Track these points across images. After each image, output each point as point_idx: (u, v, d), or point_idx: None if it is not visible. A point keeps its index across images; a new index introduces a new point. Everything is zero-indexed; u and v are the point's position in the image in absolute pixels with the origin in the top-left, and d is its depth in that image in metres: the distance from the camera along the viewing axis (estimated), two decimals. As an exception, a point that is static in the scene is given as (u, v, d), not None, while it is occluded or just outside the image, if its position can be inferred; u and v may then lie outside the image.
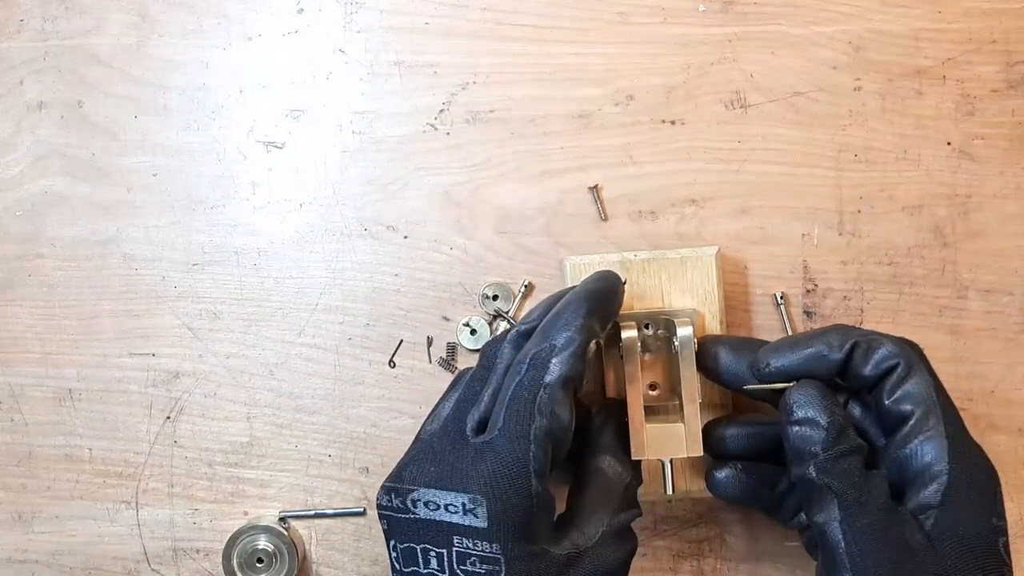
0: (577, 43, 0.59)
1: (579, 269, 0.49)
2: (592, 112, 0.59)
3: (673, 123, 0.59)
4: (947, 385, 0.45)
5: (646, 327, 0.49)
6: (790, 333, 0.58)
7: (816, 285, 0.59)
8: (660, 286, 0.49)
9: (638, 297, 0.49)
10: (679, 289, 0.49)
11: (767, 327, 0.58)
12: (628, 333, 0.46)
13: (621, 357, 0.48)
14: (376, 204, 0.59)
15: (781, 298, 0.58)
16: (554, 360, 0.42)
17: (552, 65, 0.59)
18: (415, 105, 0.59)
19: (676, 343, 0.47)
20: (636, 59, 0.59)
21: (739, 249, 0.58)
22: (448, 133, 0.59)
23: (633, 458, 0.47)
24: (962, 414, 0.45)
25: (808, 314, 0.58)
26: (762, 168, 0.59)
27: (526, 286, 0.58)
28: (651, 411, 0.49)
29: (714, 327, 0.51)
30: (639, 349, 0.47)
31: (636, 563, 0.58)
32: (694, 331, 0.46)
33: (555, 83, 0.59)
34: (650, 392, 0.50)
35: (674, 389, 0.49)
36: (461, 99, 0.59)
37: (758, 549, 0.58)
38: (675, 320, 0.47)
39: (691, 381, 0.47)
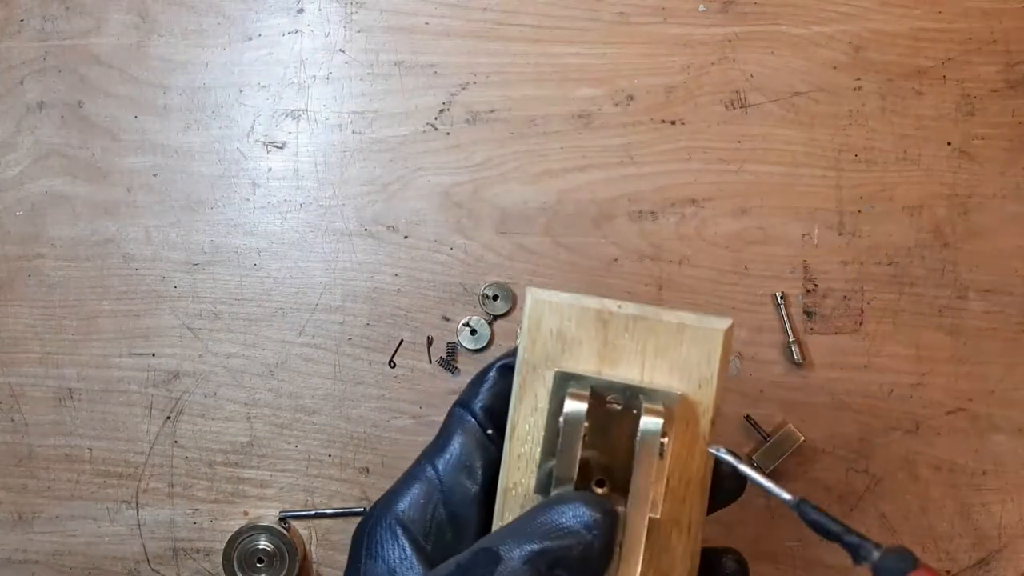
0: (577, 43, 0.59)
1: (542, 307, 0.33)
2: (592, 112, 0.59)
3: (673, 123, 0.59)
4: (947, 385, 0.45)
5: (609, 401, 0.33)
6: (790, 333, 0.58)
7: (816, 285, 0.59)
8: (642, 353, 0.33)
9: (610, 358, 0.33)
10: (666, 363, 0.33)
11: (767, 327, 0.58)
12: (572, 406, 0.31)
13: (557, 434, 0.32)
14: (376, 204, 0.59)
15: (781, 298, 0.58)
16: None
17: (552, 65, 0.59)
18: (415, 105, 0.59)
19: (638, 436, 0.31)
20: (636, 59, 0.59)
21: (739, 249, 0.58)
22: (448, 133, 0.59)
23: None
24: (962, 414, 0.45)
25: (808, 314, 0.58)
26: (762, 168, 0.59)
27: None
28: None
29: (702, 427, 0.33)
30: (582, 431, 0.31)
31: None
32: (664, 426, 0.31)
33: (555, 83, 0.59)
34: (596, 490, 0.33)
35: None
36: (461, 99, 0.59)
37: (758, 549, 0.58)
38: (642, 403, 0.32)
39: (642, 491, 0.31)
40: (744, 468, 0.31)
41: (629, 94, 0.59)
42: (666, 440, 0.32)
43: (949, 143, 0.59)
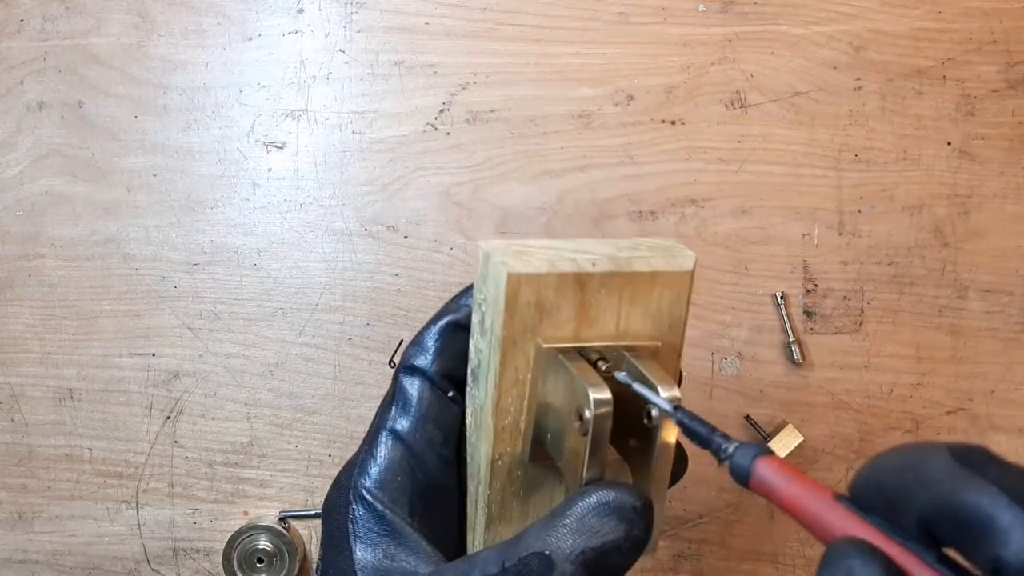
0: (577, 43, 0.59)
1: (518, 282, 0.30)
2: (592, 112, 0.59)
3: (673, 123, 0.59)
4: (947, 385, 0.44)
5: (597, 361, 0.32)
6: (790, 333, 0.58)
7: (816, 285, 0.59)
8: (617, 305, 0.33)
9: (587, 318, 0.32)
10: (639, 311, 0.33)
11: (767, 327, 0.58)
12: (598, 398, 0.29)
13: (581, 419, 0.30)
14: (376, 204, 0.59)
15: (781, 298, 0.58)
16: (410, 346, 0.34)
17: (552, 65, 0.59)
18: (415, 105, 0.59)
19: (653, 415, 0.30)
20: (636, 59, 0.59)
21: (739, 249, 0.58)
22: (448, 133, 0.59)
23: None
24: (962, 414, 0.45)
25: (808, 314, 0.58)
26: (762, 168, 0.59)
27: None
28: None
29: (670, 364, 0.33)
30: (610, 422, 0.30)
31: (637, 563, 0.58)
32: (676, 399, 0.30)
33: (555, 83, 0.59)
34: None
35: (624, 449, 0.33)
36: (461, 99, 0.59)
37: (758, 549, 0.58)
38: (655, 380, 0.30)
39: (663, 473, 0.31)
40: (620, 375, 0.31)
41: (629, 94, 0.59)
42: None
43: (949, 143, 0.59)
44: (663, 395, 0.30)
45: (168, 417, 0.59)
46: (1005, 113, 0.59)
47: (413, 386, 0.34)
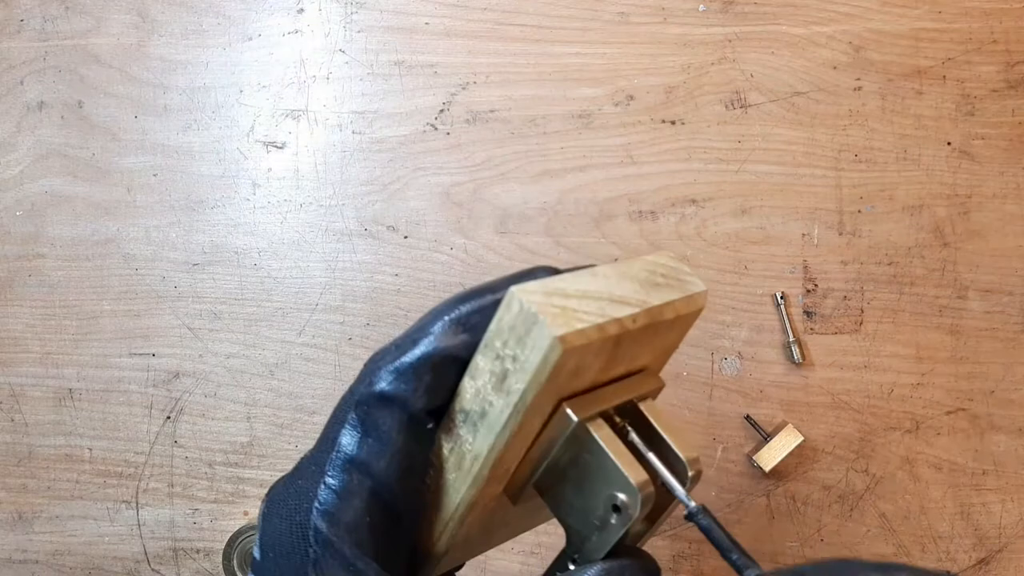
0: (577, 43, 0.59)
1: (572, 354, 0.28)
2: (592, 112, 0.59)
3: (673, 123, 0.59)
4: (947, 385, 0.45)
5: (616, 420, 0.32)
6: (790, 333, 0.58)
7: (816, 285, 0.59)
8: (637, 351, 0.32)
9: (608, 368, 0.31)
10: (650, 348, 0.32)
11: (767, 327, 0.58)
12: (645, 495, 0.29)
13: (617, 509, 0.29)
14: (376, 204, 0.59)
15: (781, 298, 0.58)
16: (383, 370, 0.31)
17: (552, 65, 0.59)
18: (415, 105, 0.59)
19: (683, 501, 0.30)
20: (636, 59, 0.59)
21: (739, 249, 0.58)
22: (448, 133, 0.59)
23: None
24: (962, 414, 0.45)
25: (808, 314, 0.58)
26: (762, 168, 0.59)
27: None
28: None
29: (656, 380, 0.34)
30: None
31: (636, 563, 0.58)
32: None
33: (555, 83, 0.59)
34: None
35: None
36: (461, 99, 0.59)
37: (758, 549, 0.58)
38: (686, 499, 0.30)
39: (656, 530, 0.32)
40: (650, 457, 0.30)
41: (629, 94, 0.59)
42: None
43: (949, 143, 0.59)
44: (686, 477, 0.30)
45: (168, 417, 0.59)
46: (1005, 113, 0.59)
47: (390, 416, 0.30)
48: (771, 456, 0.56)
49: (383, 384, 0.30)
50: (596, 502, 0.29)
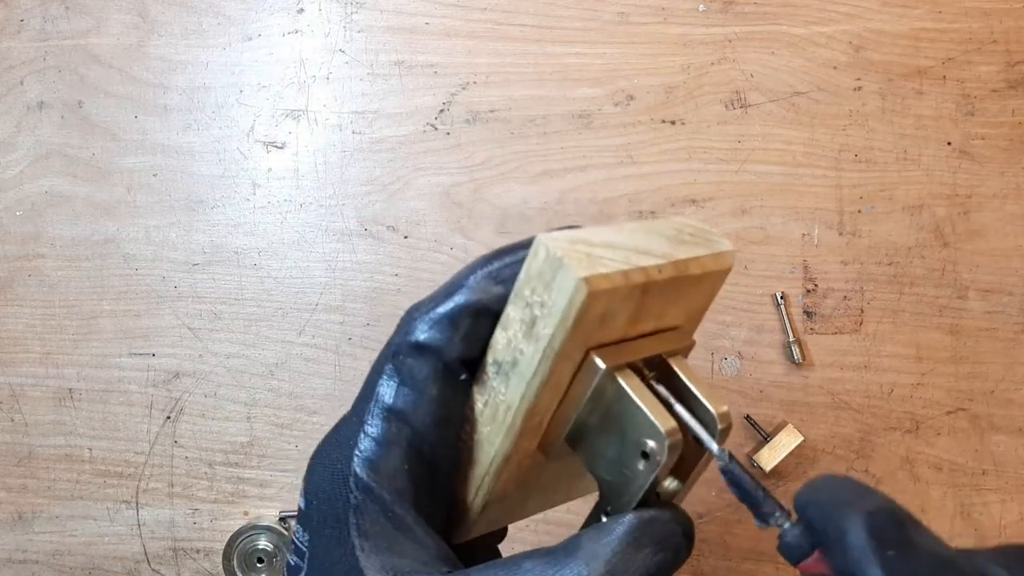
0: (577, 43, 0.59)
1: (598, 299, 0.28)
2: (592, 112, 0.59)
3: (673, 123, 0.59)
4: (947, 385, 0.45)
5: (646, 373, 0.32)
6: (790, 333, 0.58)
7: (816, 285, 0.59)
8: (664, 306, 0.32)
9: (637, 320, 0.31)
10: (679, 306, 0.33)
11: (767, 327, 0.58)
12: (672, 442, 0.29)
13: (645, 456, 0.30)
14: (376, 204, 0.59)
15: (781, 298, 0.58)
16: (419, 320, 0.31)
17: (552, 65, 0.59)
18: (415, 105, 0.59)
19: (710, 449, 0.30)
20: (636, 59, 0.59)
21: (739, 249, 0.58)
22: (448, 133, 0.59)
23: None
24: (962, 414, 0.45)
25: (808, 314, 0.58)
26: (762, 168, 0.59)
27: None
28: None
29: (687, 340, 0.34)
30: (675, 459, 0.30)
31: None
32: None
33: (555, 83, 0.59)
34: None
35: None
36: (461, 99, 0.59)
37: (758, 549, 0.58)
38: (709, 405, 0.30)
39: (693, 484, 0.31)
40: (679, 409, 0.30)
41: (629, 94, 0.59)
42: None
43: (949, 143, 0.59)
44: (716, 429, 0.30)
45: (168, 417, 0.59)
46: (1005, 113, 0.59)
47: (426, 365, 0.31)
48: (771, 456, 0.56)
49: (419, 334, 0.31)
50: (626, 452, 0.30)
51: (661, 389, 0.31)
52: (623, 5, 0.59)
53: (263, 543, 0.57)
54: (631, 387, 0.30)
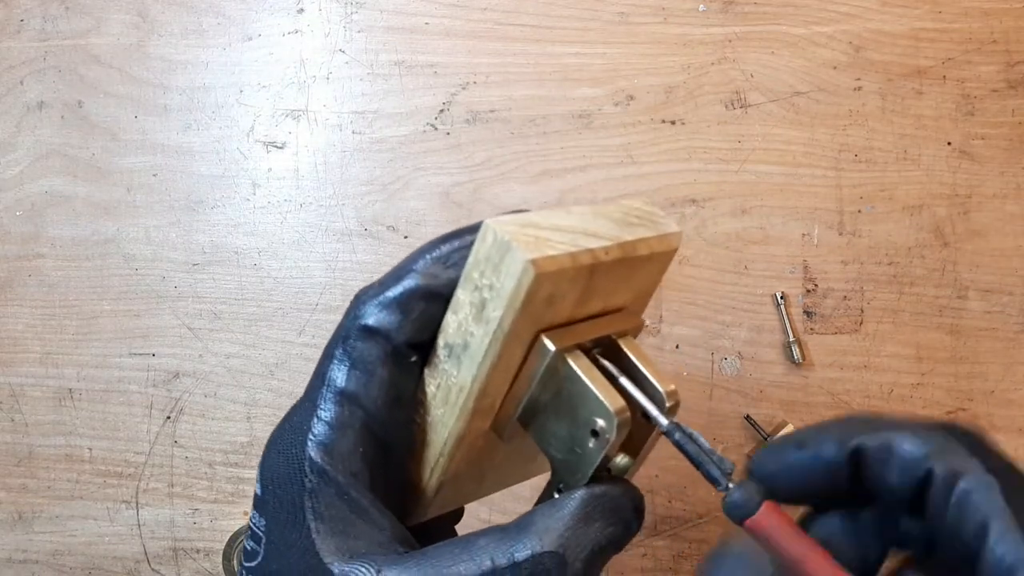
0: (577, 43, 0.59)
1: (545, 281, 0.29)
2: (592, 112, 0.59)
3: (673, 123, 0.59)
4: (947, 385, 0.45)
5: (594, 351, 0.33)
6: (790, 333, 0.58)
7: (816, 285, 0.59)
8: (612, 286, 0.33)
9: (584, 300, 0.31)
10: (626, 286, 0.33)
11: (767, 327, 0.58)
12: (621, 420, 0.30)
13: (595, 434, 0.30)
14: (376, 204, 0.59)
15: (781, 298, 0.58)
16: (368, 304, 0.31)
17: (552, 65, 0.59)
18: (415, 105, 0.59)
19: (650, 417, 0.31)
20: (636, 59, 0.59)
21: (739, 249, 0.58)
22: (448, 133, 0.59)
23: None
24: (962, 414, 0.45)
25: (808, 314, 0.58)
26: (762, 168, 0.59)
27: None
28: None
29: (637, 320, 0.34)
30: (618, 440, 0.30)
31: (636, 563, 0.58)
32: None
33: (555, 83, 0.59)
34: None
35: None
36: (461, 99, 0.59)
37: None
38: (655, 382, 0.31)
39: (642, 462, 0.32)
40: (624, 382, 0.31)
41: (629, 94, 0.59)
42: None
43: (949, 143, 0.59)
44: (664, 406, 0.30)
45: (168, 417, 0.59)
46: (1005, 113, 0.59)
47: (375, 348, 0.31)
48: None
49: (368, 317, 0.31)
50: (576, 431, 0.30)
51: (610, 367, 0.32)
52: (623, 5, 0.59)
53: (263, 543, 0.57)
54: (580, 368, 0.30)
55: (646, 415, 0.31)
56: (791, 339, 0.58)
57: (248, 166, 0.60)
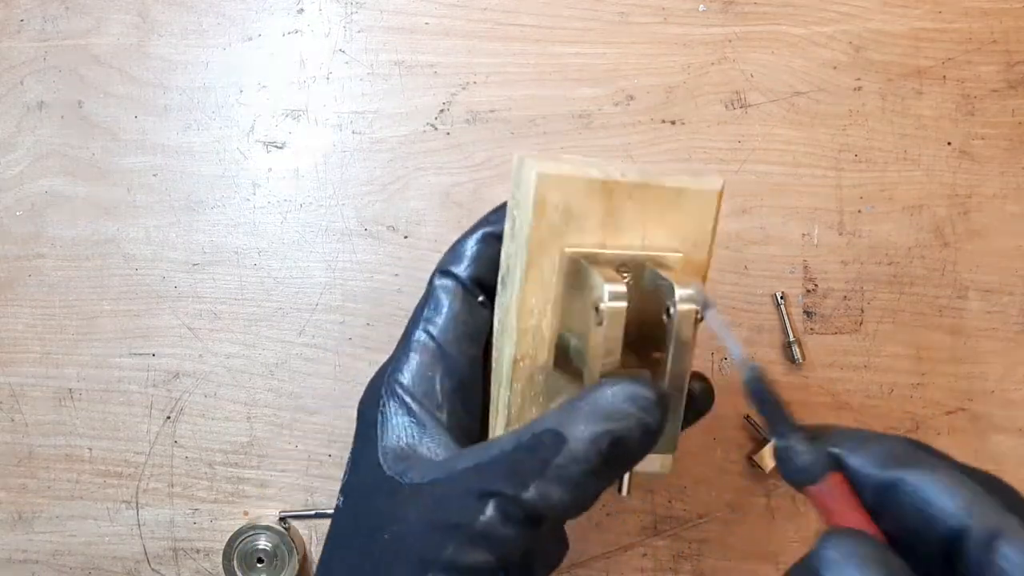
0: (577, 43, 0.59)
1: (547, 184, 0.31)
2: (592, 112, 0.59)
3: (673, 123, 0.59)
4: (947, 385, 0.45)
5: (619, 268, 0.33)
6: (790, 333, 0.58)
7: (816, 285, 0.59)
8: (643, 218, 0.33)
9: (613, 227, 0.33)
10: (665, 226, 0.34)
11: (767, 327, 0.58)
12: (613, 290, 0.30)
13: (596, 311, 0.31)
14: (376, 204, 0.59)
15: (781, 298, 0.58)
16: (445, 253, 0.37)
17: (552, 65, 0.59)
18: (415, 105, 0.59)
19: (672, 315, 0.32)
20: (636, 59, 0.59)
21: (739, 249, 0.58)
22: (448, 133, 0.59)
23: None
24: (962, 414, 0.45)
25: (808, 314, 0.58)
26: (762, 168, 0.59)
27: None
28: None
29: (694, 284, 0.34)
30: (624, 316, 0.31)
31: (636, 563, 0.58)
32: (701, 301, 0.32)
33: (555, 83, 0.59)
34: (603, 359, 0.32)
35: (646, 361, 0.35)
36: (461, 99, 0.59)
37: (758, 549, 0.58)
38: (673, 283, 0.32)
39: (681, 371, 0.33)
40: (712, 316, 0.32)
41: (629, 94, 0.59)
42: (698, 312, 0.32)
43: (949, 143, 0.59)
44: (696, 300, 0.32)
45: (168, 417, 0.59)
46: (1005, 113, 0.59)
47: (446, 289, 0.36)
48: (771, 456, 0.56)
49: (443, 263, 0.37)
50: (586, 319, 0.32)
51: (643, 274, 0.33)
52: (623, 5, 0.59)
53: (263, 543, 0.57)
54: (592, 265, 0.32)
55: (667, 308, 0.32)
56: (791, 339, 0.58)
57: (248, 166, 0.60)
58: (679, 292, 0.31)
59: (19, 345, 0.60)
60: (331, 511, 0.59)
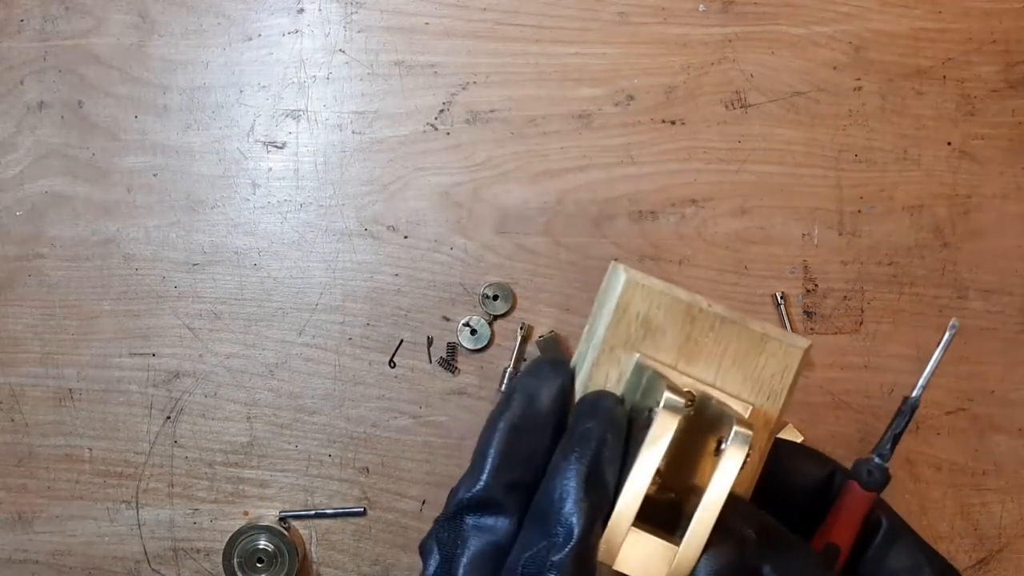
0: (577, 43, 0.59)
1: (634, 290, 0.32)
2: (592, 112, 0.59)
3: (673, 123, 0.59)
4: (947, 385, 0.45)
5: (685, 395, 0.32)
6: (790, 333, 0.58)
7: (816, 285, 0.59)
8: (721, 356, 0.34)
9: (689, 354, 0.33)
10: (742, 369, 0.34)
11: (767, 327, 0.58)
12: (670, 403, 0.30)
13: (648, 414, 0.31)
14: (376, 204, 0.59)
15: (781, 298, 0.58)
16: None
17: (552, 65, 0.59)
18: (415, 105, 0.59)
19: (724, 445, 0.31)
20: (636, 59, 0.59)
21: (739, 249, 0.58)
22: (448, 133, 0.59)
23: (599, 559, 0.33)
24: (962, 414, 0.45)
25: (808, 314, 0.58)
26: (762, 168, 0.59)
27: (523, 327, 0.58)
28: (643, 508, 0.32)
29: (760, 441, 0.34)
30: (672, 433, 0.30)
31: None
32: (750, 442, 0.30)
33: (555, 83, 0.59)
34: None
35: (682, 488, 0.34)
36: (461, 99, 0.59)
37: (758, 549, 0.58)
38: (733, 419, 0.31)
39: (716, 501, 0.31)
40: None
41: (629, 94, 0.59)
42: (749, 456, 0.30)
43: (949, 143, 0.59)
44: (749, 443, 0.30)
45: (168, 417, 0.59)
46: (1005, 113, 0.59)
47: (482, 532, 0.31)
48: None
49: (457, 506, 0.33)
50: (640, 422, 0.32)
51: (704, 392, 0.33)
52: (623, 5, 0.59)
53: (263, 543, 0.57)
54: (659, 373, 0.31)
55: (719, 441, 0.30)
56: (791, 339, 0.58)
57: (248, 166, 0.60)
58: (735, 431, 0.30)
59: (19, 345, 0.60)
60: (331, 511, 0.59)
